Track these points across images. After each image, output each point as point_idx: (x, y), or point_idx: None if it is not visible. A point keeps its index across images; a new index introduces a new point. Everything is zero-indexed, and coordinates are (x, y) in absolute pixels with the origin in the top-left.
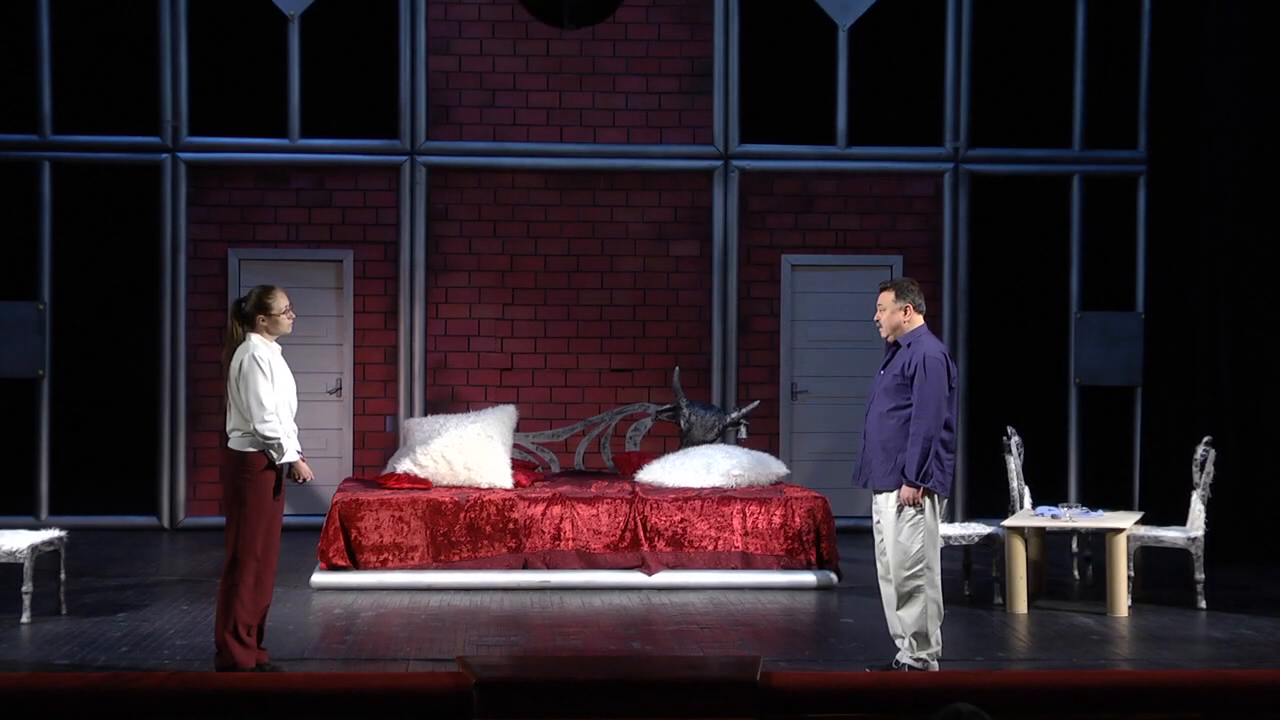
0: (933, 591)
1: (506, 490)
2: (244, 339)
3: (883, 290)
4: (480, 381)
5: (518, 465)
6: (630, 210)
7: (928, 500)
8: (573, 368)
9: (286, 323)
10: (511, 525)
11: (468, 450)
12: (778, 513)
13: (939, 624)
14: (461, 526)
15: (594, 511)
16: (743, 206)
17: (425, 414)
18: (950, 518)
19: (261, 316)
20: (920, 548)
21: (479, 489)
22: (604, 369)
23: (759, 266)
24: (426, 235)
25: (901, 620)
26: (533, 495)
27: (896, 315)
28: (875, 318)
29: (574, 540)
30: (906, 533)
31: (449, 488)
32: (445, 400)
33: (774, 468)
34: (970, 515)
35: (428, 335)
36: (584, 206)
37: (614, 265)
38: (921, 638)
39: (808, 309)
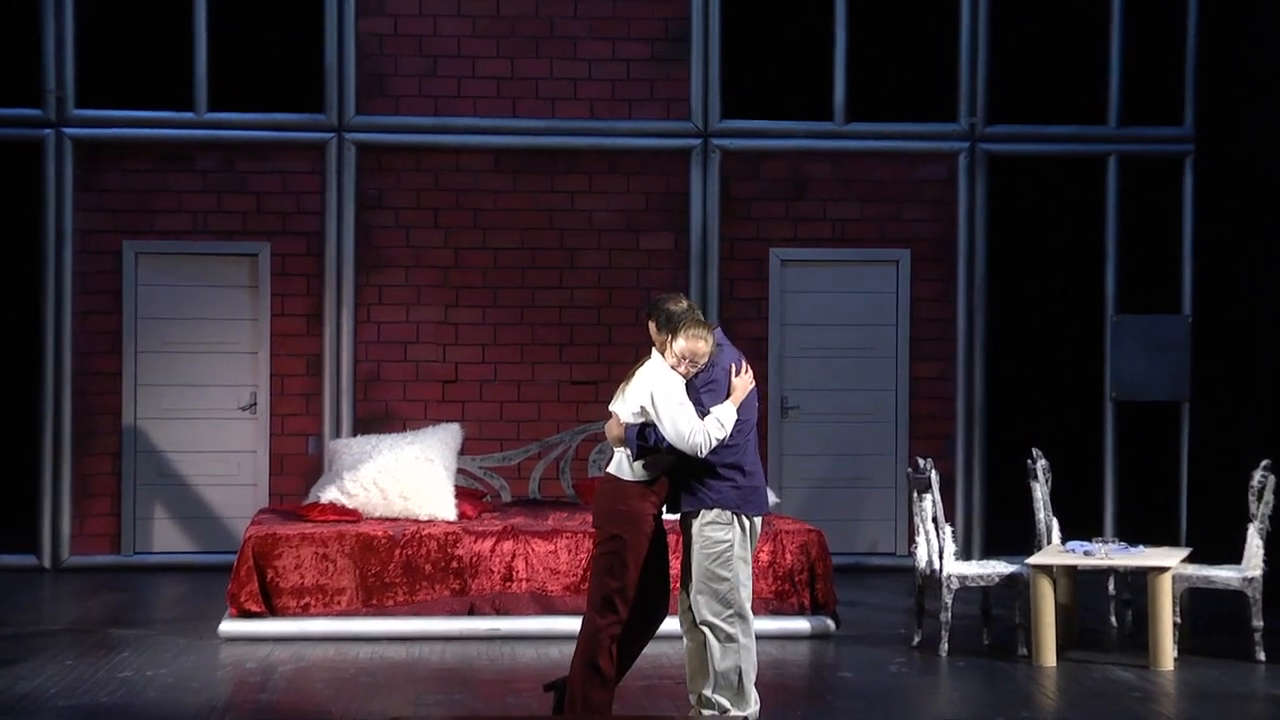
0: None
1: (449, 523)
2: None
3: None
4: (419, 396)
5: (462, 494)
6: (594, 197)
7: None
8: (527, 380)
9: None
10: (455, 564)
11: (404, 476)
12: (765, 549)
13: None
14: (397, 565)
15: (551, 547)
16: (725, 193)
17: (354, 434)
18: (967, 555)
19: None
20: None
21: (417, 521)
22: (564, 381)
23: (743, 262)
24: (356, 225)
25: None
26: (480, 529)
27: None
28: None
29: (528, 581)
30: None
31: (382, 520)
32: (378, 418)
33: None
34: (989, 552)
35: (357, 342)
36: (540, 192)
37: (575, 260)
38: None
39: (800, 311)
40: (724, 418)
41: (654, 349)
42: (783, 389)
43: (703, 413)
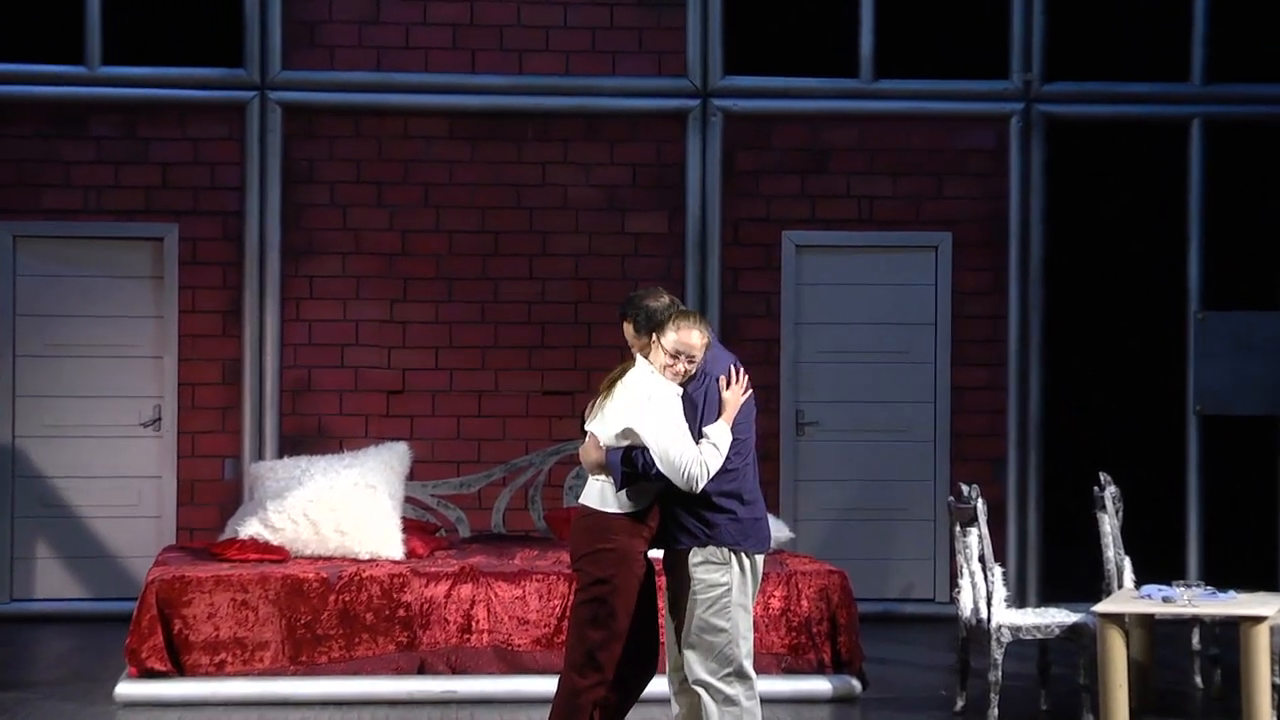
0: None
1: (395, 562)
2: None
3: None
4: (359, 409)
5: (411, 527)
6: (570, 169)
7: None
8: (489, 390)
9: None
10: (403, 612)
11: (340, 506)
12: (777, 594)
13: None
14: (332, 614)
15: (519, 592)
16: (728, 165)
17: (280, 455)
18: (1021, 601)
19: None
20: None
21: (356, 561)
22: (534, 392)
23: (751, 248)
24: (283, 203)
25: None
26: (433, 570)
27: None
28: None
29: (491, 633)
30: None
31: (314, 559)
32: (309, 436)
33: (771, 530)
34: (1048, 598)
35: (284, 344)
36: (505, 164)
37: (548, 246)
38: None
39: (818, 308)
40: (719, 440)
41: (636, 355)
42: (797, 401)
43: (696, 435)
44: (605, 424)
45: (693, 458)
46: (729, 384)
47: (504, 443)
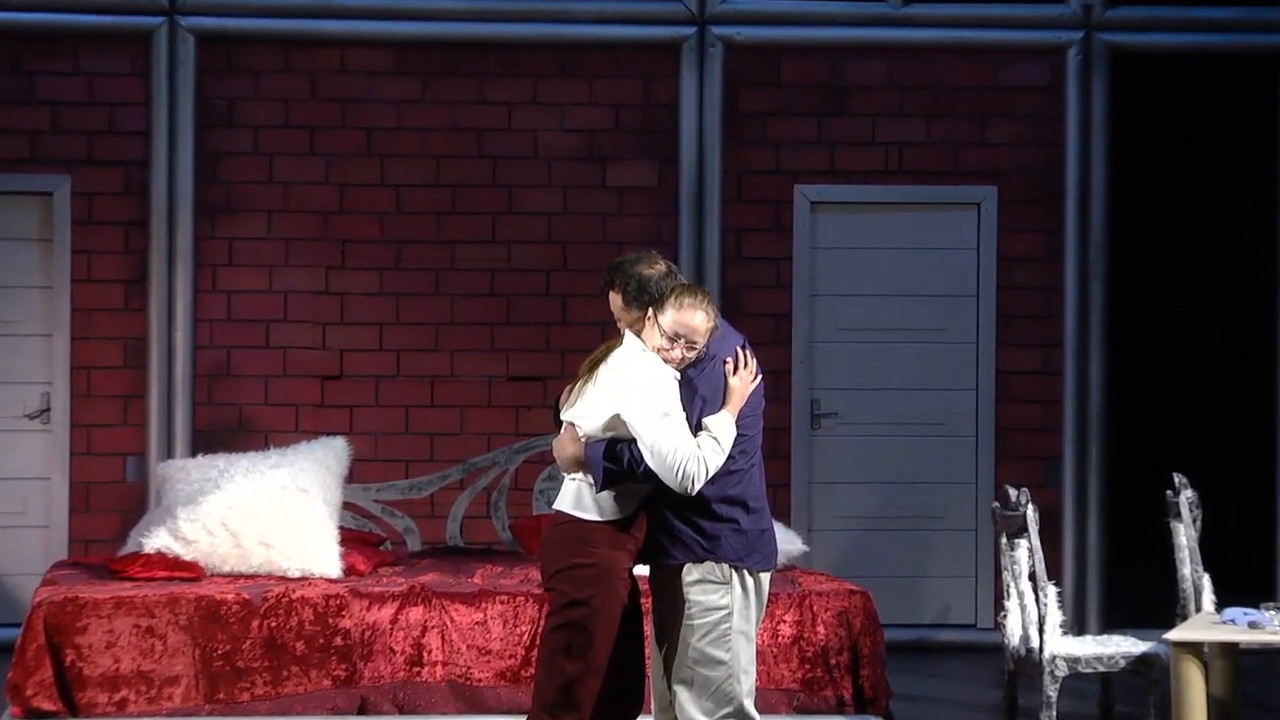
0: None
1: (332, 581)
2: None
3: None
4: (287, 398)
5: (350, 539)
6: (542, 111)
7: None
8: (444, 375)
9: None
10: (340, 640)
11: (266, 514)
12: (788, 618)
13: None
14: (255, 643)
15: (479, 617)
16: (730, 105)
17: (193, 453)
18: (1080, 628)
19: None
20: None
21: (285, 579)
22: (498, 377)
23: (757, 205)
24: (197, 151)
25: None
26: (377, 590)
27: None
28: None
29: (445, 665)
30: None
31: (233, 578)
32: (227, 430)
33: (781, 542)
34: (1112, 623)
35: (198, 321)
36: (464, 104)
37: (514, 202)
38: None
39: (838, 277)
40: (722, 435)
41: (624, 330)
42: (812, 389)
43: (695, 427)
44: (585, 412)
45: (690, 454)
46: (736, 369)
47: (462, 438)
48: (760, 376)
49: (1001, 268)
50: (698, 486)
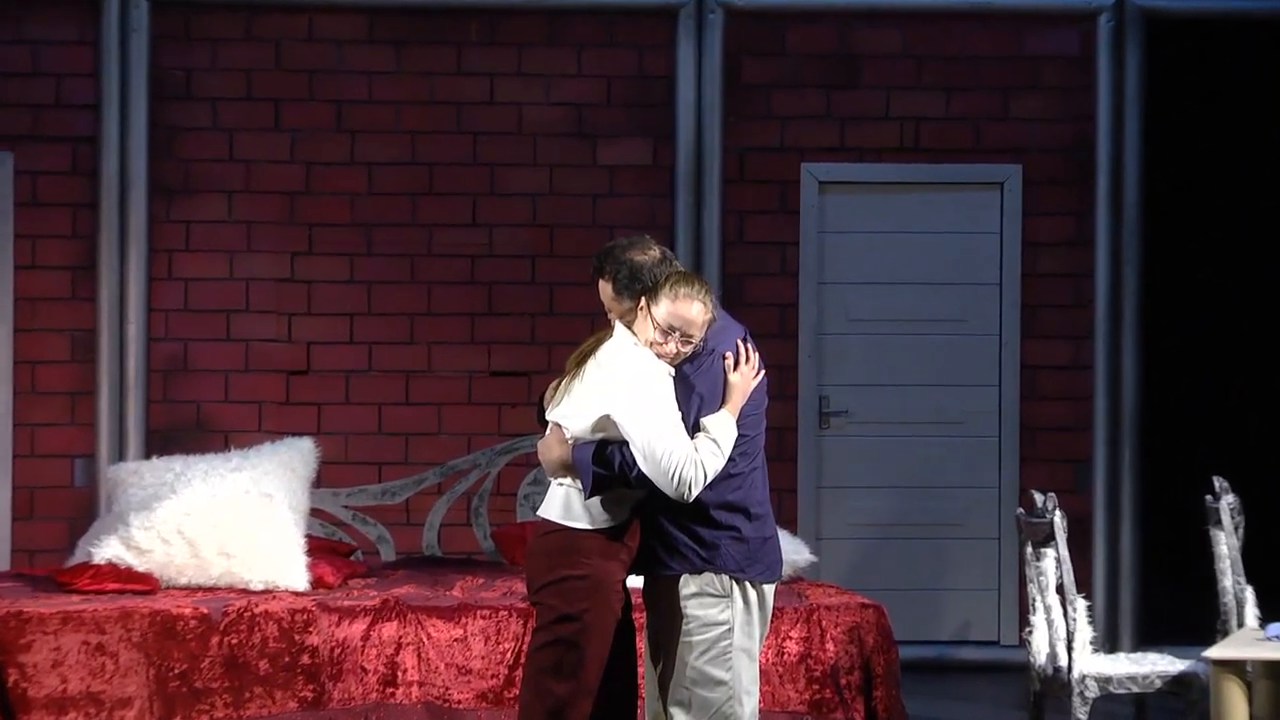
0: None
1: (298, 594)
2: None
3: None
4: (249, 395)
5: (318, 549)
6: (527, 83)
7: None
8: (420, 370)
9: None
10: (308, 659)
11: (226, 522)
12: (794, 635)
13: None
14: (215, 662)
15: (459, 633)
16: (731, 77)
17: (147, 455)
18: (1111, 644)
19: None
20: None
21: (247, 592)
22: (478, 372)
23: (760, 186)
24: (151, 126)
25: None
26: (347, 604)
27: None
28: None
29: (422, 686)
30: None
31: (191, 591)
32: (184, 430)
33: (786, 552)
34: (1146, 639)
35: (152, 311)
36: (441, 75)
37: (496, 183)
38: None
39: (848, 263)
40: (721, 436)
41: (615, 322)
42: (820, 384)
43: (692, 427)
44: (572, 411)
45: (686, 456)
46: (736, 364)
47: (439, 438)
48: (763, 372)
49: (1027, 253)
50: (695, 493)
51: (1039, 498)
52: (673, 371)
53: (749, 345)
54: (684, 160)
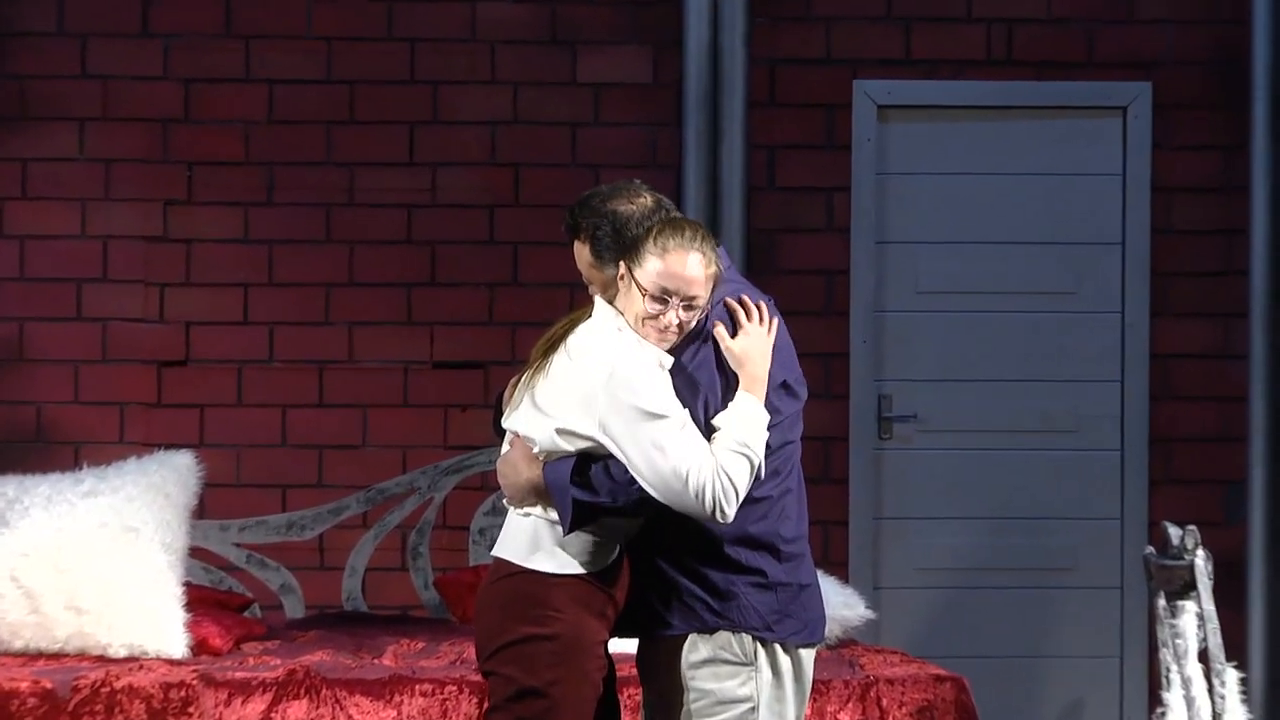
0: None
1: (174, 663)
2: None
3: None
4: (108, 394)
5: (201, 601)
6: None
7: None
8: (339, 360)
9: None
10: None
11: (76, 565)
12: (846, 716)
13: None
14: None
15: (390, 714)
16: None
17: None
18: None
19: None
20: None
21: (105, 660)
22: (417, 362)
23: (799, 112)
24: None
25: None
26: (240, 675)
27: None
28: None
29: None
30: None
31: (30, 657)
32: (20, 440)
33: (832, 605)
34: None
35: None
36: None
37: (440, 107)
38: None
39: (916, 215)
40: (745, 429)
41: (595, 296)
42: (878, 379)
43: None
44: (538, 417)
45: (705, 464)
46: (737, 326)
47: (364, 453)
48: (782, 330)
49: (1158, 202)
50: (733, 510)
51: (1175, 533)
52: (668, 362)
53: (765, 308)
54: (694, 77)
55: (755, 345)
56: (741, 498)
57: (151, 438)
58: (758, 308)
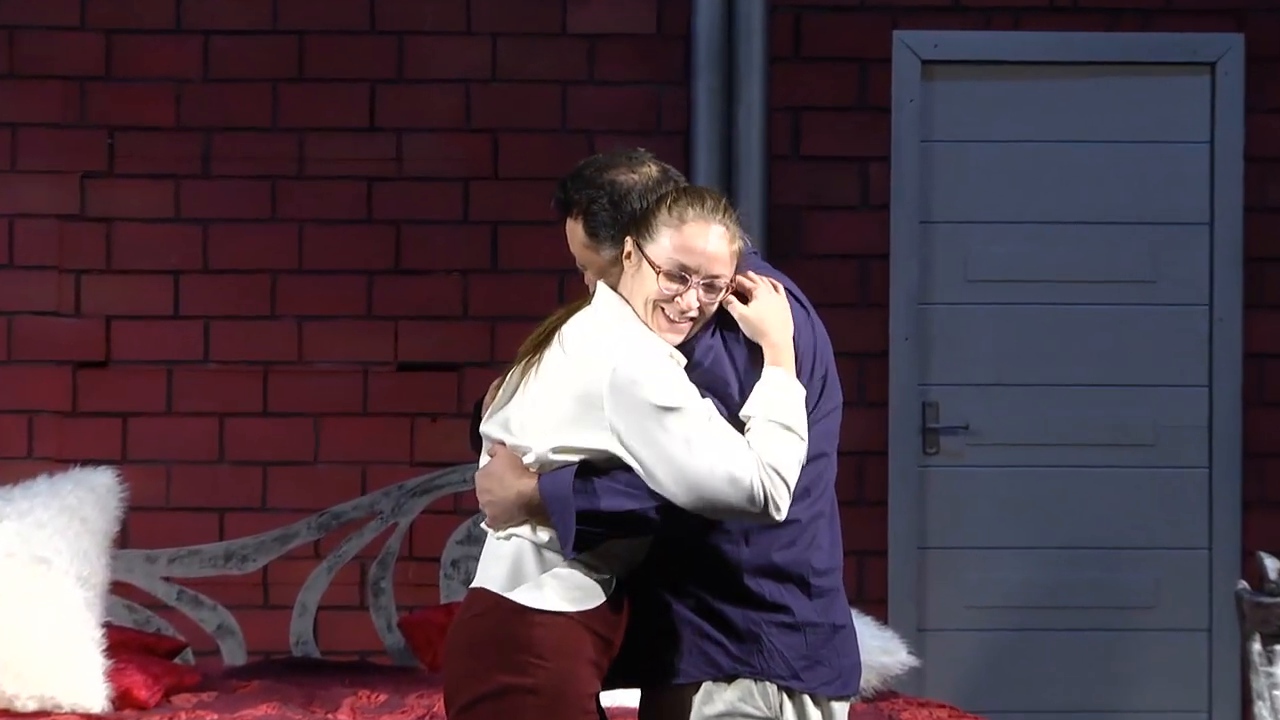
0: None
1: (91, 719)
2: None
3: None
4: (15, 400)
5: (121, 645)
6: None
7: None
8: (286, 360)
9: None
10: None
11: None
12: None
13: None
14: None
15: None
16: None
17: None
18: None
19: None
20: None
21: (9, 714)
22: (378, 363)
23: (829, 67)
24: None
25: None
26: None
27: None
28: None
29: None
30: None
31: None
32: None
33: (870, 650)
34: None
35: None
36: None
37: (407, 62)
38: None
39: (966, 190)
40: (782, 408)
41: (595, 281)
42: (923, 383)
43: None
44: (532, 420)
45: (753, 459)
46: (751, 294)
47: (316, 470)
48: (790, 296)
49: (1252, 174)
50: (786, 504)
51: (1272, 564)
52: (680, 357)
53: (783, 288)
54: (706, 26)
55: (772, 309)
56: (793, 487)
57: (65, 452)
58: (753, 280)
